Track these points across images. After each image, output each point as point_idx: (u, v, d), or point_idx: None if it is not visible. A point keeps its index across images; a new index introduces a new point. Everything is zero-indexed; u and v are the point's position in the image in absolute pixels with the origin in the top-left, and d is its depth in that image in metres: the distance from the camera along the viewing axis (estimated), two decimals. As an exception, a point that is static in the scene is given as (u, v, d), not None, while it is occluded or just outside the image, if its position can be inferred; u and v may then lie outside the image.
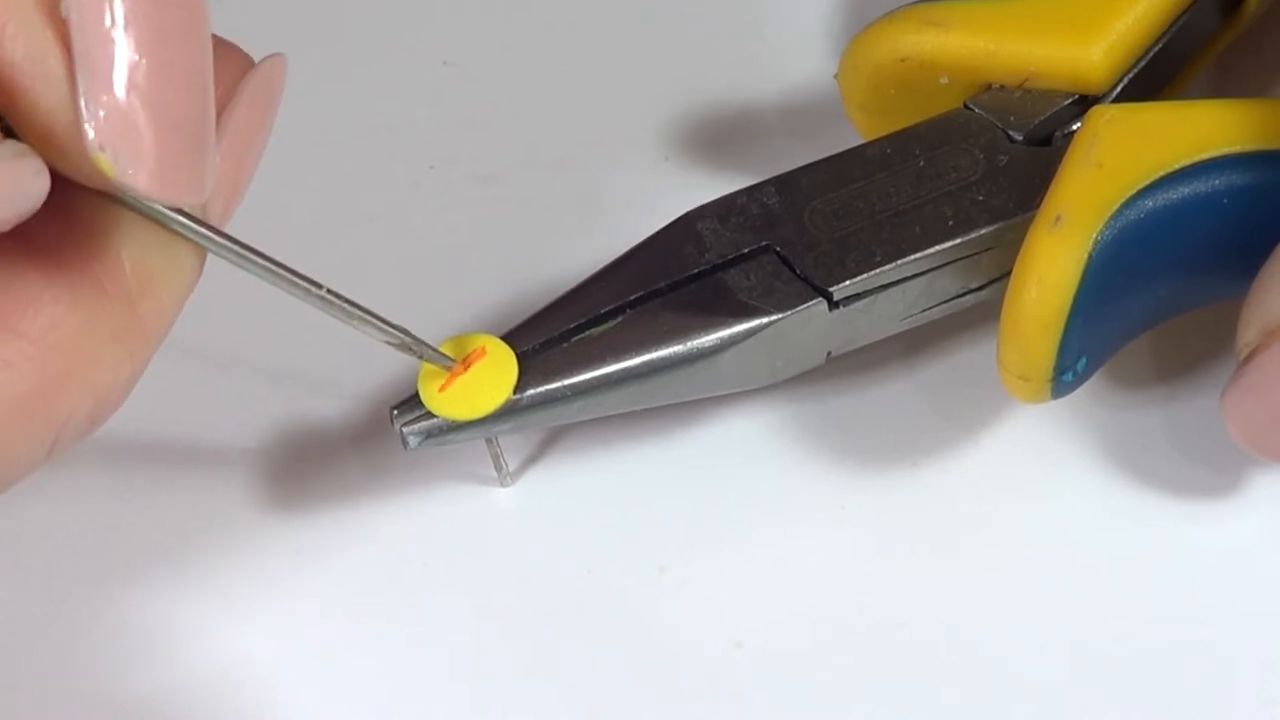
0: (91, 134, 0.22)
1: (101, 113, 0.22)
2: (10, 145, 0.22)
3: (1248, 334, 0.28)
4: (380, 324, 0.28)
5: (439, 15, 0.40)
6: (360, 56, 0.40)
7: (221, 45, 0.26)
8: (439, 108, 0.39)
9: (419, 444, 0.30)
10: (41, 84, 0.22)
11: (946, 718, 0.30)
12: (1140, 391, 0.33)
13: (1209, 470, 0.32)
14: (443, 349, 0.30)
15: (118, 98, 0.22)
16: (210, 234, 0.25)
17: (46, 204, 0.23)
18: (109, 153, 0.22)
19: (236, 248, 0.26)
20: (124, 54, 0.22)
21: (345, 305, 0.28)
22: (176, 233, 0.25)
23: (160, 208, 0.25)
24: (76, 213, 0.25)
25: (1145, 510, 0.32)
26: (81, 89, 0.22)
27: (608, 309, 0.30)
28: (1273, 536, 0.32)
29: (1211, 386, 0.33)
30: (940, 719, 0.30)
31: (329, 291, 0.27)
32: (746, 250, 0.31)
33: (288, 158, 0.37)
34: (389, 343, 0.29)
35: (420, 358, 0.29)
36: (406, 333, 0.29)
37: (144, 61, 0.22)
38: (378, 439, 0.33)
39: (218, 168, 0.25)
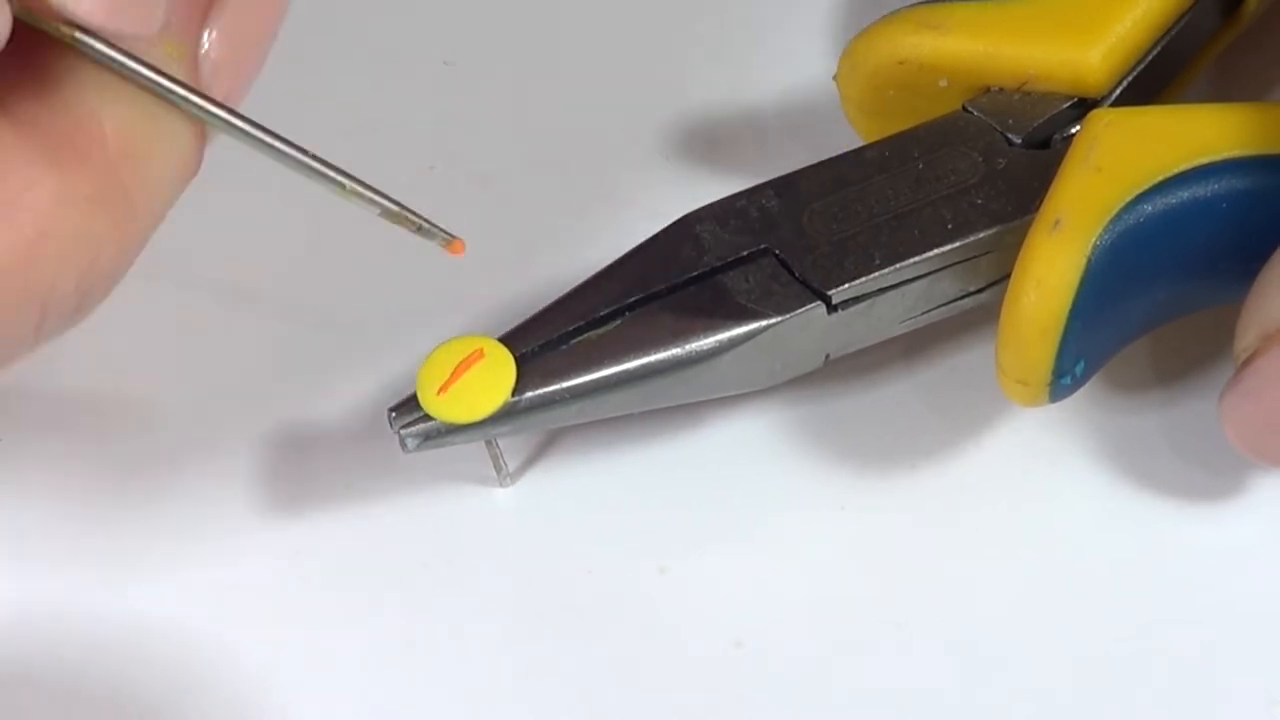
0: None
1: None
2: None
3: (1246, 338, 0.28)
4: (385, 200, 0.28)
5: (439, 15, 0.40)
6: (360, 56, 0.40)
7: None
8: (439, 108, 0.39)
9: (417, 446, 0.30)
10: None
11: (946, 718, 0.30)
12: (1139, 394, 0.33)
13: (1208, 473, 0.32)
14: (442, 350, 0.30)
15: None
16: (190, 94, 0.24)
17: (21, 68, 0.22)
18: None
19: (224, 114, 0.25)
20: None
21: (360, 185, 0.27)
22: (162, 98, 0.24)
23: (136, 66, 0.24)
24: (54, 79, 0.24)
25: (1145, 512, 0.32)
26: None
27: (606, 311, 0.30)
28: (1273, 537, 0.32)
29: (1210, 390, 0.33)
30: (940, 719, 0.30)
31: (316, 159, 0.26)
32: (745, 253, 0.31)
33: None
34: (384, 217, 0.28)
35: (418, 231, 0.28)
36: (404, 206, 0.28)
37: None
38: (378, 439, 0.33)
39: (215, 41, 0.24)
